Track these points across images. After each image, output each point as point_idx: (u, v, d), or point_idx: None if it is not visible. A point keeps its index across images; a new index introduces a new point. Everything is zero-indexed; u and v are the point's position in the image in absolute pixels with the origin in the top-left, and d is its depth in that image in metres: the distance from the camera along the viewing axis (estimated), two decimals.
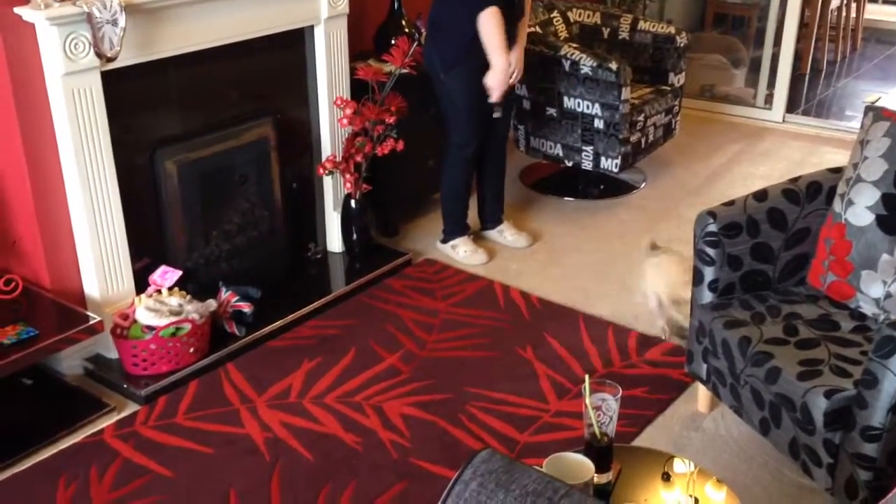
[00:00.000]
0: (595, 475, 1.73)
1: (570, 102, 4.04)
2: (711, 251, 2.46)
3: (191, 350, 2.90)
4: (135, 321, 2.86)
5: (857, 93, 6.00)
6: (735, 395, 2.38)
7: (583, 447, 1.84)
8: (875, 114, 2.42)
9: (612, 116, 3.95)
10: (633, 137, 4.07)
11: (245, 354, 3.04)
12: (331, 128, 3.52)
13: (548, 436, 2.63)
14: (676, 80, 4.40)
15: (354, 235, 3.62)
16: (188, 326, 2.87)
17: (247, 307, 3.09)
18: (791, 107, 5.42)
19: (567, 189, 4.42)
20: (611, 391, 1.86)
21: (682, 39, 4.35)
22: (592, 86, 3.94)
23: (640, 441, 2.61)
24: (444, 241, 3.78)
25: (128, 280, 2.94)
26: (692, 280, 2.54)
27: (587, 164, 4.13)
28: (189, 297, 2.97)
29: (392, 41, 3.56)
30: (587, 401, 1.84)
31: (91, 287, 2.88)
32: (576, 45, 4.06)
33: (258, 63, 3.25)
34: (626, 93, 3.92)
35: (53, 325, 2.70)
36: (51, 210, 2.77)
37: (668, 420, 2.72)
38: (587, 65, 3.91)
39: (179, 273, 3.00)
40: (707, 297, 2.50)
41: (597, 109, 3.98)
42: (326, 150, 3.54)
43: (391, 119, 3.42)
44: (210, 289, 3.13)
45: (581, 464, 1.71)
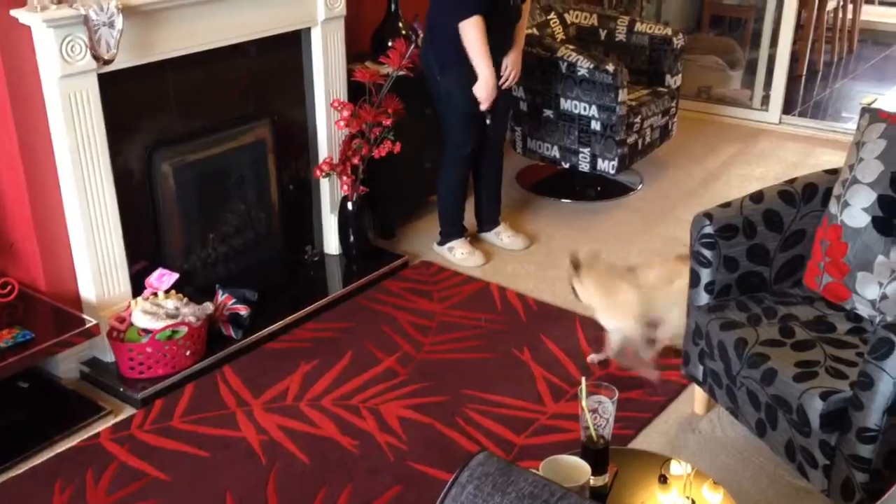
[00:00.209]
0: (591, 478, 1.73)
1: (567, 104, 4.04)
2: (708, 253, 2.46)
3: (187, 353, 2.89)
4: (131, 324, 2.86)
5: (854, 94, 5.99)
6: (731, 397, 2.38)
7: (579, 449, 1.84)
8: (871, 115, 2.42)
9: (609, 118, 3.96)
10: (630, 139, 4.07)
11: (242, 357, 3.03)
12: (328, 130, 3.51)
13: (544, 438, 2.63)
14: (673, 82, 4.40)
15: (351, 238, 3.62)
16: (184, 329, 2.86)
17: (243, 310, 3.08)
18: (787, 108, 5.42)
19: (564, 191, 4.42)
20: (607, 394, 1.86)
21: (679, 41, 4.35)
22: (589, 87, 3.94)
23: (637, 443, 2.61)
24: (441, 244, 3.77)
25: (124, 283, 2.93)
26: (689, 282, 2.54)
27: (584, 166, 4.13)
28: (185, 300, 2.97)
29: (389, 43, 3.55)
30: (584, 403, 1.84)
31: (87, 290, 2.87)
32: (573, 47, 4.07)
33: (255, 65, 3.25)
34: (623, 95, 3.92)
35: (49, 329, 2.70)
36: (47, 213, 2.76)
37: (665, 422, 2.72)
38: (584, 67, 3.92)
39: (176, 276, 3.00)
40: (703, 299, 2.50)
41: (594, 111, 3.98)
42: (323, 153, 3.54)
43: (388, 121, 3.42)
44: (207, 291, 3.12)
45: (578, 466, 1.71)
